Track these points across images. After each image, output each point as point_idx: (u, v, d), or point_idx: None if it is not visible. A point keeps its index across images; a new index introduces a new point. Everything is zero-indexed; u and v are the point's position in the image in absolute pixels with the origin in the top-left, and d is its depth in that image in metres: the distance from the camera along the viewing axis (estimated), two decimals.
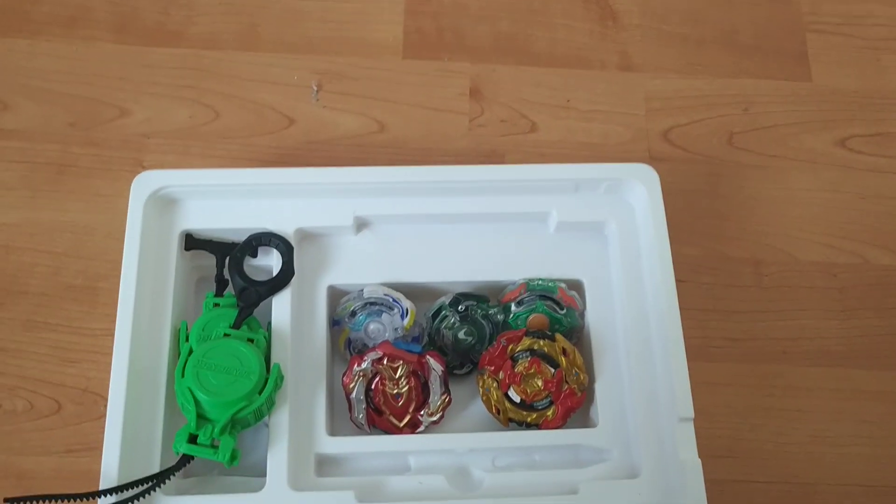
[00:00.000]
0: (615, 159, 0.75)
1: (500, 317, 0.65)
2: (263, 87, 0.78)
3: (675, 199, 0.71)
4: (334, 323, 0.65)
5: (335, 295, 0.65)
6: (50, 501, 0.54)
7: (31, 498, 0.54)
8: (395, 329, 0.64)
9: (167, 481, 0.56)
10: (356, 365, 0.62)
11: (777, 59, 0.81)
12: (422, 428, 0.62)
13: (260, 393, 0.58)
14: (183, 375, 0.58)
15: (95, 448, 0.58)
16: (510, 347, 0.62)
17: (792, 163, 0.77)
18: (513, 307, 0.65)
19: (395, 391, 0.62)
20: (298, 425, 0.60)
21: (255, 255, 0.65)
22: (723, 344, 0.70)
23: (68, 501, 0.54)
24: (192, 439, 0.56)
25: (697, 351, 0.69)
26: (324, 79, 0.78)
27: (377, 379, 0.62)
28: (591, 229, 0.67)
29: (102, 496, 0.55)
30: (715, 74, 0.80)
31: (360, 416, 0.61)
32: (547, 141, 0.77)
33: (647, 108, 0.79)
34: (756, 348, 0.70)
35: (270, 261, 0.65)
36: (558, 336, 0.63)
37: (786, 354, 0.70)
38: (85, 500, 0.55)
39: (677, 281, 0.63)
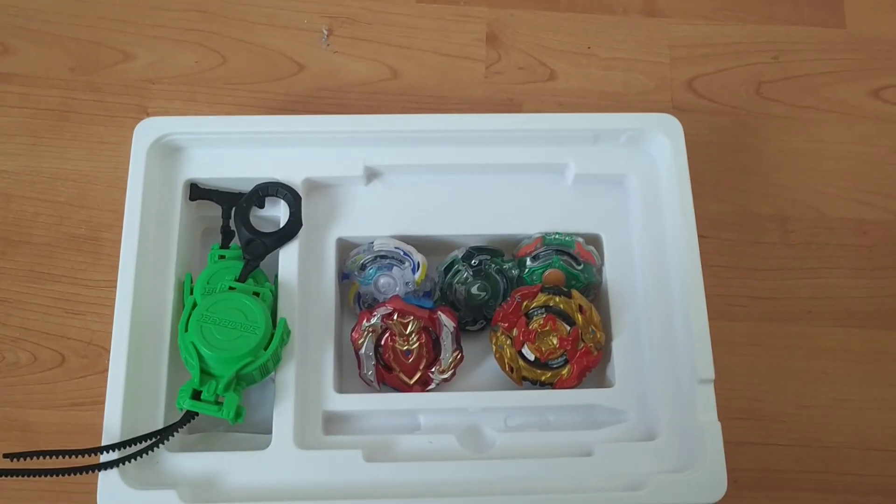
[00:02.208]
0: (637, 109, 0.73)
1: (515, 272, 0.63)
2: (272, 31, 0.75)
3: (698, 152, 0.69)
4: (343, 276, 0.63)
5: (344, 247, 0.63)
6: (51, 457, 0.53)
7: (32, 453, 0.53)
8: (406, 283, 0.62)
9: (171, 437, 0.56)
10: (365, 320, 0.60)
11: (810, 4, 0.78)
12: (432, 385, 0.60)
13: (265, 348, 0.56)
14: (186, 329, 0.56)
15: (100, 402, 0.57)
16: (525, 304, 0.61)
17: (823, 114, 0.74)
18: (528, 262, 0.63)
19: (406, 347, 0.60)
20: (305, 382, 0.59)
21: (261, 206, 0.63)
22: (745, 303, 0.68)
23: (69, 457, 0.54)
24: (196, 395, 0.55)
25: (719, 309, 0.67)
26: (335, 23, 0.76)
27: (387, 335, 0.60)
28: (611, 182, 0.64)
29: (105, 452, 0.54)
30: (744, 20, 0.77)
31: (370, 373, 0.60)
32: (566, 89, 0.74)
33: (671, 55, 0.76)
34: (780, 307, 0.68)
35: (278, 212, 0.63)
36: (575, 292, 0.61)
37: (811, 314, 0.68)
38: (86, 455, 0.54)
39: (699, 237, 0.61)
